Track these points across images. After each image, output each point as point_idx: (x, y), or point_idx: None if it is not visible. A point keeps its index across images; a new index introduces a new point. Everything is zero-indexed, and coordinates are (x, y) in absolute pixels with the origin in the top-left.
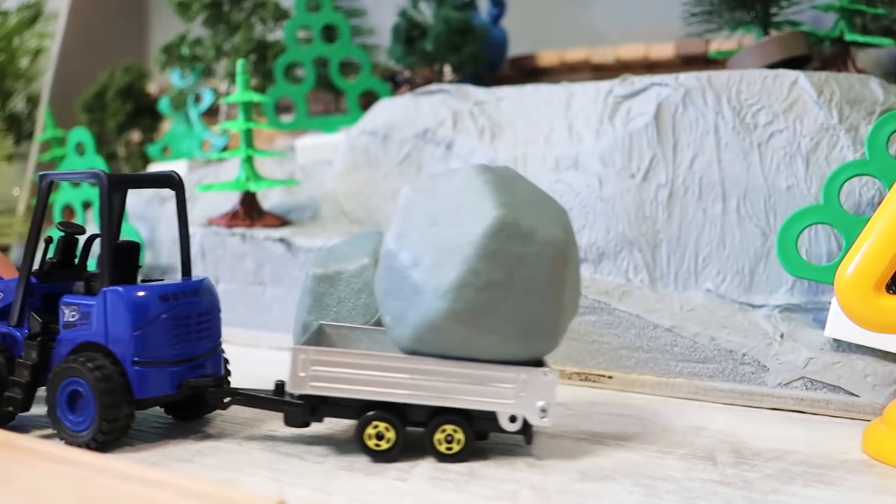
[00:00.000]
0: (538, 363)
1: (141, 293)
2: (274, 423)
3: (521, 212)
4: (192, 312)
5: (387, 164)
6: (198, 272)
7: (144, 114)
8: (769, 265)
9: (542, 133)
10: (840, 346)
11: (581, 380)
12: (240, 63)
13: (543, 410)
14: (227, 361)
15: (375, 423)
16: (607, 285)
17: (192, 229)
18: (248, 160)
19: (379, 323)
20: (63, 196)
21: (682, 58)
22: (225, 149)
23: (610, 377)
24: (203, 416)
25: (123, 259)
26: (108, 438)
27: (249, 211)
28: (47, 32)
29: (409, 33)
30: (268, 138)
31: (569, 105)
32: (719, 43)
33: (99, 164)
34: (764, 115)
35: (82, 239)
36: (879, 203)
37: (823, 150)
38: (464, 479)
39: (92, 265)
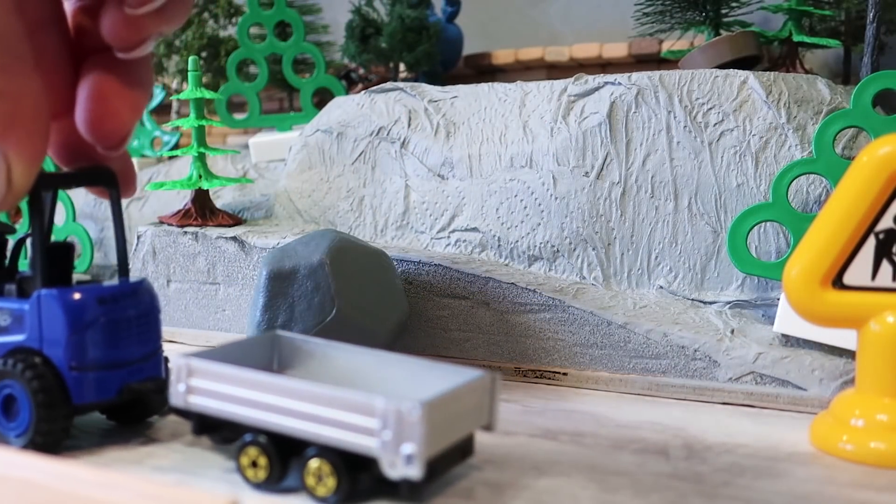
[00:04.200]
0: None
1: (78, 296)
2: None
3: None
4: (130, 315)
5: (341, 163)
6: (149, 272)
7: None
8: (720, 262)
9: (496, 131)
10: (789, 341)
11: (536, 377)
12: (191, 60)
13: (409, 458)
14: (167, 360)
15: (248, 449)
16: (562, 283)
17: (143, 228)
18: (200, 158)
19: (333, 323)
20: None
21: (635, 57)
22: (176, 146)
23: (564, 374)
24: (145, 421)
25: (57, 261)
26: (45, 445)
27: (202, 209)
28: None
29: (363, 31)
30: (220, 136)
31: (523, 103)
32: (671, 43)
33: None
34: (714, 115)
35: (11, 240)
36: (826, 201)
37: (772, 148)
38: None
39: (24, 266)
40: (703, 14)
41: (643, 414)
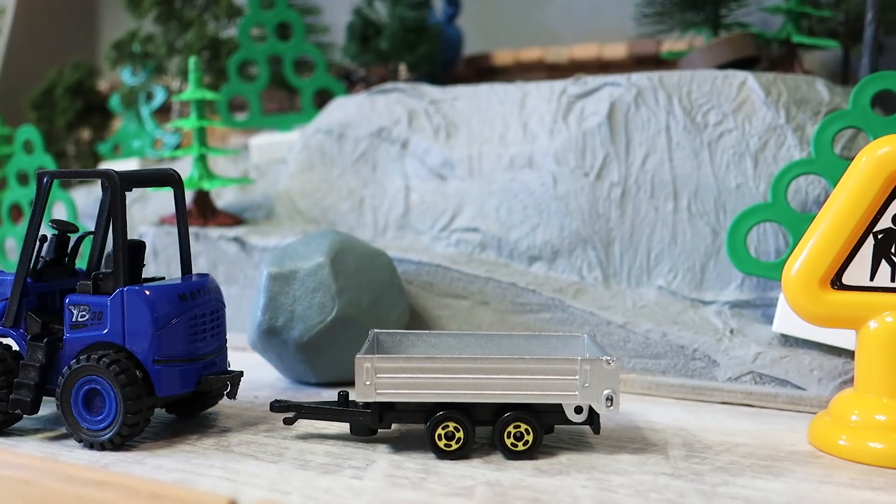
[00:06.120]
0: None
1: (160, 292)
2: (228, 422)
3: None
4: (205, 310)
5: (342, 163)
6: (149, 272)
7: (94, 111)
8: (719, 262)
9: (496, 132)
10: (788, 341)
11: None
12: (192, 60)
13: (609, 399)
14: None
15: (445, 423)
16: (561, 283)
17: (143, 228)
18: (202, 158)
19: (333, 322)
20: (11, 195)
21: (635, 58)
22: (177, 147)
23: None
24: (203, 413)
25: (130, 258)
26: (129, 436)
27: (203, 210)
28: None
29: (363, 32)
30: (221, 137)
31: (523, 104)
32: (671, 44)
33: (48, 163)
34: (714, 115)
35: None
36: (825, 201)
37: (771, 149)
38: (419, 476)
39: (81, 264)
40: (702, 15)
41: (643, 413)
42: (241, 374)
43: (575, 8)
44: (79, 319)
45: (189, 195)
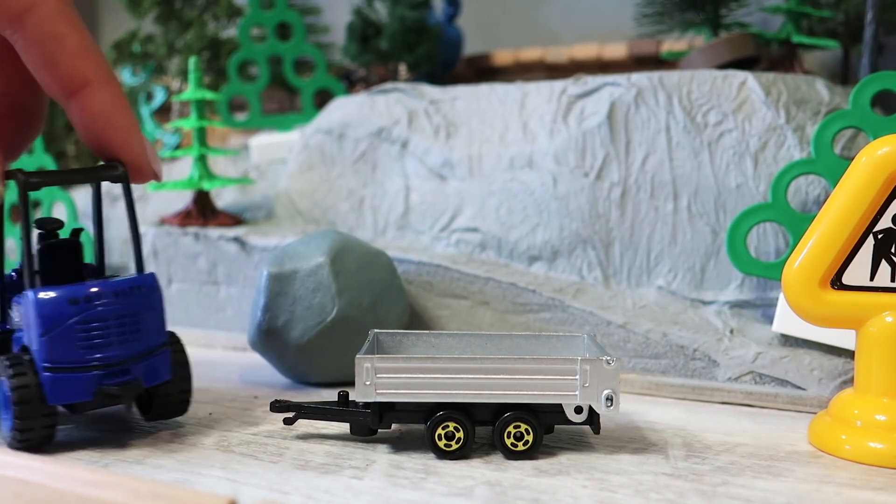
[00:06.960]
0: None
1: (48, 296)
2: (229, 422)
3: None
4: (109, 315)
5: (342, 163)
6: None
7: None
8: (719, 262)
9: (496, 132)
10: (788, 341)
11: None
12: (192, 60)
13: (609, 399)
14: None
15: (445, 423)
16: (561, 283)
17: (144, 228)
18: (202, 159)
19: (333, 323)
20: (10, 195)
21: (635, 58)
22: (177, 147)
23: None
24: (164, 420)
25: (61, 258)
26: (27, 440)
27: (203, 210)
28: None
29: (363, 32)
30: (221, 137)
31: (523, 104)
32: (671, 44)
33: (48, 163)
34: (714, 115)
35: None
36: (825, 201)
37: (771, 149)
38: (419, 476)
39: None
40: (702, 15)
41: (643, 413)
42: (139, 384)
43: (575, 8)
44: (17, 319)
45: (189, 195)
